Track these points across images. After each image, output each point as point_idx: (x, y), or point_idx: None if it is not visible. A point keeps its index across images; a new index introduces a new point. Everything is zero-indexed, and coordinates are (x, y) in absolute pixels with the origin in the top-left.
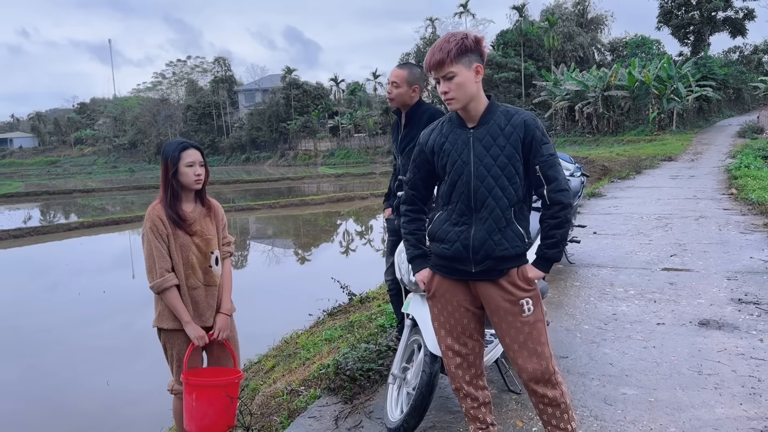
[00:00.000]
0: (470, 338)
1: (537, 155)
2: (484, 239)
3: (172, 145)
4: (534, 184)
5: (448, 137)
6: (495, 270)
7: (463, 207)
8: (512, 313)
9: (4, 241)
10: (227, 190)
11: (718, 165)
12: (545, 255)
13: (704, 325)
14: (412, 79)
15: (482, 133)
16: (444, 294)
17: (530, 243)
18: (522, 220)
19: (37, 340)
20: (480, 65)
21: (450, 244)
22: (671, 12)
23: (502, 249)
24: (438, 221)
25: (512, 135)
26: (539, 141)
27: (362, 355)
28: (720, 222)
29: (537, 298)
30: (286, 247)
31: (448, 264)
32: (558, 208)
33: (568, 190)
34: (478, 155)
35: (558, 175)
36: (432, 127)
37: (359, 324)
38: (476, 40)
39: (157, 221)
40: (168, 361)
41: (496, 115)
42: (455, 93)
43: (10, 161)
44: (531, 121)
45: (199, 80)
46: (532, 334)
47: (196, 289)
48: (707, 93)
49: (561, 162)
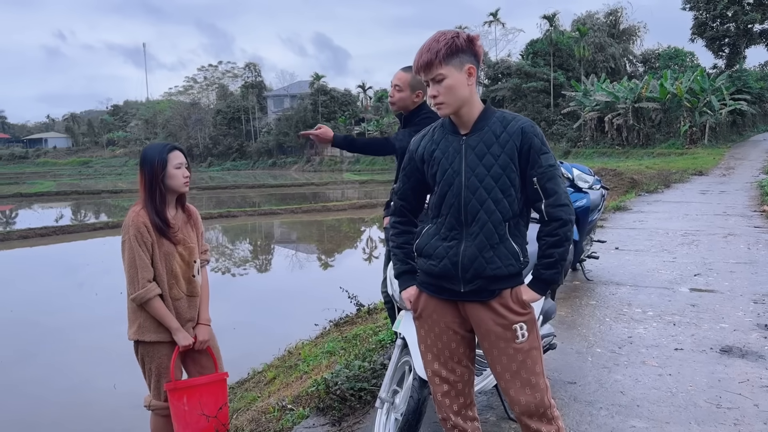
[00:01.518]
0: (458, 364)
1: (535, 166)
2: (474, 256)
3: (157, 148)
4: (531, 197)
5: (439, 144)
6: (486, 290)
7: (452, 220)
8: (504, 339)
9: (30, 240)
10: (253, 194)
11: (751, 181)
12: (541, 276)
13: (726, 353)
14: (415, 84)
15: (475, 140)
16: (431, 314)
17: (526, 262)
18: (517, 236)
19: (50, 339)
20: (473, 66)
21: (438, 261)
22: (706, 24)
23: (494, 267)
24: (426, 235)
25: (508, 143)
26: (537, 150)
27: (355, 374)
28: (750, 240)
29: (532, 322)
30: (310, 252)
31: (436, 282)
32: (557, 225)
33: (568, 205)
34: (470, 164)
35: (558, 188)
36: (423, 133)
37: (362, 337)
38: (469, 39)
39: (142, 228)
40: (145, 376)
41: (491, 121)
42: (445, 97)
43: (44, 161)
44: (529, 128)
45: (230, 85)
46: (525, 363)
47: (179, 300)
48: (741, 107)
49: (581, 175)
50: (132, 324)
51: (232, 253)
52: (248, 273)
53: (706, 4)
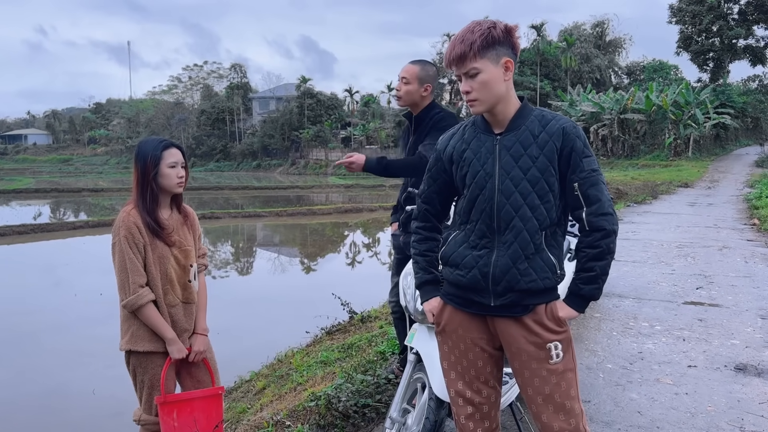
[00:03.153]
0: (485, 384)
1: (576, 170)
2: (507, 267)
3: (152, 143)
4: (571, 204)
5: (470, 144)
6: (519, 305)
7: (483, 227)
8: (537, 359)
9: (7, 237)
10: (236, 195)
11: (737, 194)
12: (580, 291)
13: (741, 371)
14: (424, 76)
15: (511, 140)
16: (456, 329)
17: (562, 275)
18: (554, 247)
19: (26, 341)
20: (510, 60)
21: (466, 271)
22: (691, 38)
23: (529, 281)
24: (453, 243)
25: (547, 144)
26: (580, 153)
27: (358, 389)
28: (745, 254)
29: (568, 342)
30: (292, 255)
31: (463, 294)
32: (599, 236)
33: (612, 214)
34: (505, 166)
35: (601, 195)
36: (452, 132)
37: (358, 347)
38: (507, 30)
39: (134, 229)
40: (137, 388)
41: (529, 119)
42: (479, 93)
43: (24, 157)
44: (571, 129)
45: (215, 86)
46: (560, 386)
47: (175, 307)
48: (725, 120)
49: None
50: (124, 333)
51: (214, 255)
52: (229, 275)
53: (692, 18)
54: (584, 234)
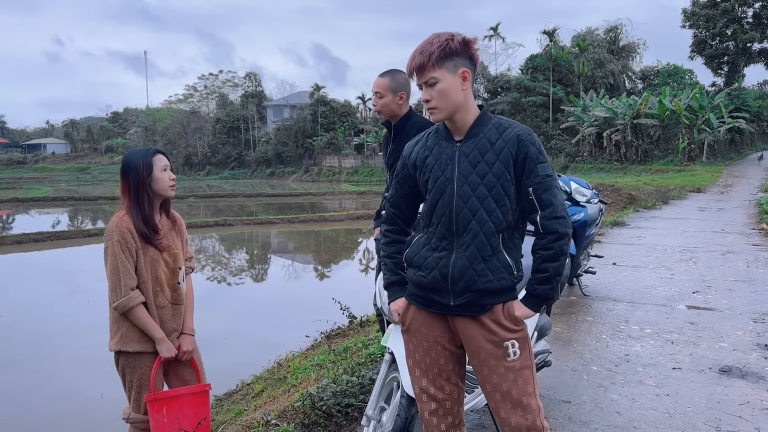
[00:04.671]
0: (447, 381)
1: (530, 175)
2: (464, 268)
3: (141, 152)
4: (527, 208)
5: (432, 150)
6: (476, 305)
7: (443, 230)
8: (495, 357)
9: (24, 245)
10: (250, 203)
11: (749, 199)
12: (535, 291)
13: (725, 373)
14: (395, 86)
15: (469, 147)
16: (419, 328)
17: (520, 276)
18: (512, 249)
19: (39, 346)
20: (467, 70)
21: (427, 272)
22: (705, 42)
23: (486, 281)
24: (416, 245)
25: (503, 151)
26: (534, 159)
27: (342, 389)
28: (748, 258)
29: (525, 340)
30: (306, 262)
31: (425, 294)
32: (552, 238)
33: (565, 217)
34: (463, 172)
35: (554, 199)
36: (417, 139)
37: (352, 350)
38: (464, 42)
39: (127, 234)
40: (126, 387)
41: (487, 127)
42: (437, 101)
43: (43, 166)
44: (525, 136)
45: (230, 94)
46: (517, 383)
47: (164, 308)
48: (740, 125)
49: (578, 188)
50: (114, 334)
51: (229, 262)
52: (244, 282)
53: (706, 22)
54: (539, 236)
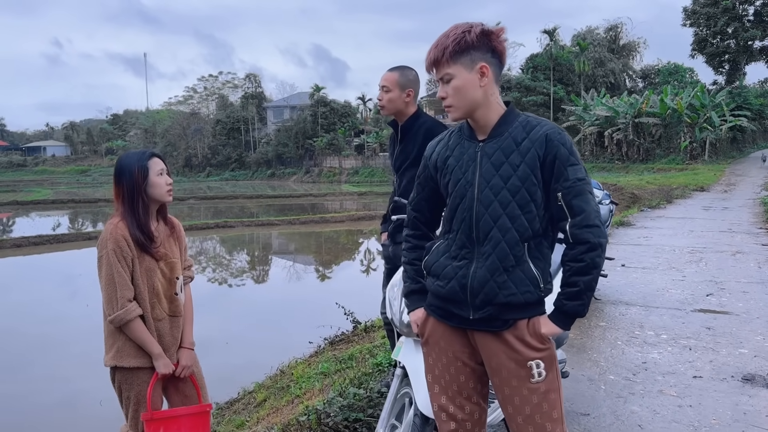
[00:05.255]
0: (468, 400)
1: (560, 179)
2: (485, 280)
3: (136, 155)
4: (556, 215)
5: (454, 151)
6: (498, 319)
7: (463, 237)
8: (517, 377)
9: (24, 248)
10: (251, 204)
11: (753, 197)
12: (563, 307)
13: (749, 381)
14: (404, 82)
15: (493, 147)
16: (438, 342)
17: (548, 289)
18: (539, 259)
19: (37, 350)
20: (486, 65)
21: (445, 282)
22: (706, 40)
23: (508, 294)
24: (435, 252)
25: (529, 152)
26: (564, 160)
27: (350, 403)
28: (759, 259)
29: (551, 360)
30: (307, 263)
31: (444, 306)
32: (583, 249)
33: (598, 226)
34: (485, 175)
35: (586, 206)
36: (439, 138)
37: (357, 359)
38: (483, 33)
39: (122, 242)
40: (123, 404)
41: (513, 126)
42: (453, 99)
43: (43, 169)
44: (555, 135)
45: (230, 95)
46: (541, 407)
47: (161, 321)
48: (742, 123)
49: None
50: (109, 348)
51: (230, 264)
52: (245, 284)
53: (707, 20)
54: (569, 247)
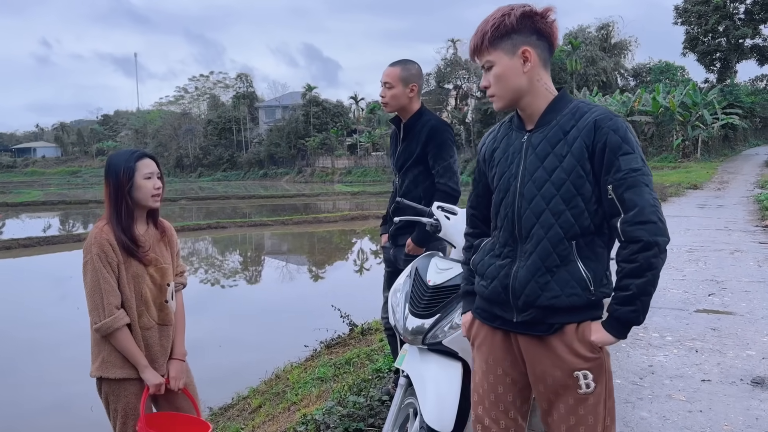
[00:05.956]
0: (504, 414)
1: (611, 170)
2: (526, 280)
3: (124, 155)
4: (608, 211)
5: (501, 142)
6: (543, 323)
7: (507, 235)
8: (563, 386)
9: (13, 250)
10: (243, 205)
11: (747, 195)
12: (615, 313)
13: (758, 385)
14: (407, 77)
15: (539, 137)
16: (480, 346)
17: (601, 292)
18: (590, 259)
19: (28, 355)
20: (529, 48)
21: (488, 282)
22: (697, 38)
23: (551, 296)
24: (482, 250)
25: (576, 141)
26: (614, 149)
27: (349, 412)
28: (758, 257)
29: (601, 370)
30: (300, 264)
31: (488, 307)
32: (636, 248)
33: (655, 222)
34: (529, 167)
35: (640, 200)
36: (492, 129)
37: (356, 363)
38: (525, 15)
39: (107, 247)
40: (110, 416)
41: (563, 113)
42: (495, 88)
43: (33, 170)
44: (605, 122)
45: (221, 95)
46: (586, 420)
47: (150, 330)
48: (733, 121)
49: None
50: (95, 358)
51: (222, 265)
52: (238, 285)
53: (698, 18)
54: (621, 246)
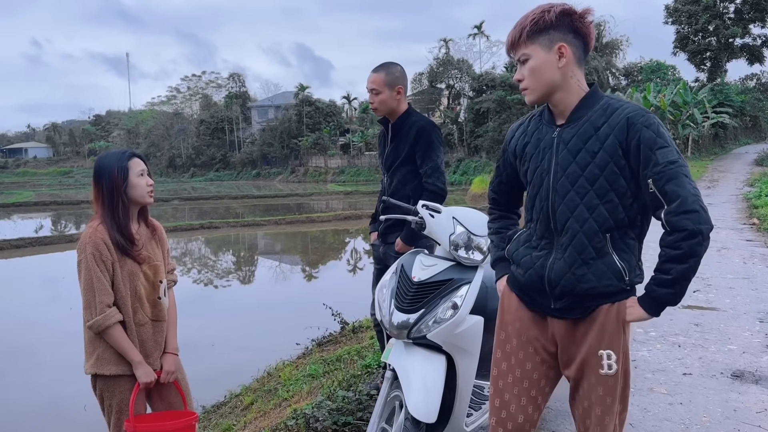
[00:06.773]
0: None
1: (649, 164)
2: (562, 272)
3: (115, 155)
4: (651, 204)
5: (532, 137)
6: (580, 307)
7: (542, 228)
8: (589, 365)
9: (5, 251)
10: (236, 204)
11: (736, 193)
12: (653, 293)
13: (738, 378)
14: (392, 80)
15: (570, 132)
16: (513, 322)
17: (634, 281)
18: (624, 251)
19: (21, 357)
20: (565, 45)
21: (524, 271)
22: (688, 38)
23: (587, 287)
24: (517, 241)
25: (608, 138)
26: (650, 144)
27: (338, 406)
28: (744, 254)
29: (625, 356)
30: (294, 263)
31: (526, 293)
32: (680, 237)
33: (698, 211)
34: (561, 162)
35: (681, 190)
36: (520, 122)
37: (346, 360)
38: (564, 13)
39: (101, 246)
40: (105, 413)
41: (594, 109)
42: (528, 81)
43: (24, 171)
44: (637, 118)
45: (214, 95)
46: (605, 400)
47: (144, 326)
48: (724, 120)
49: None
50: (89, 356)
51: (215, 265)
52: (231, 284)
53: (688, 18)
54: (666, 233)
